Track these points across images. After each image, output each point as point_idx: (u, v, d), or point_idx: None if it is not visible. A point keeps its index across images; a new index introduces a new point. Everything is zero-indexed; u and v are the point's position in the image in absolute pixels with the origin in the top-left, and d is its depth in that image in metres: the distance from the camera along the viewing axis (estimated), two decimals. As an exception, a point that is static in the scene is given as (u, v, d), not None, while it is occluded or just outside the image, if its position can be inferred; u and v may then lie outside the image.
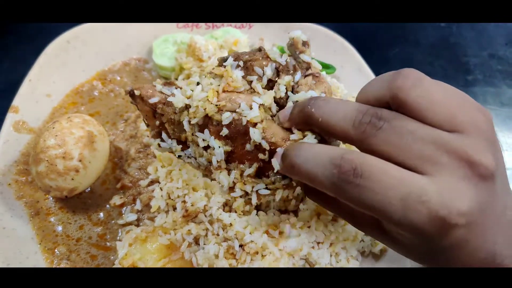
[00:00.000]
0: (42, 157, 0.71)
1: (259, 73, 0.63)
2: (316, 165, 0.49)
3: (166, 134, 0.67)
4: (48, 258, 0.71)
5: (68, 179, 0.72)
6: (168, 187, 0.76)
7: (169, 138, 0.67)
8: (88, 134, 0.75)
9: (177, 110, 0.64)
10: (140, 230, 0.69)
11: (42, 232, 0.74)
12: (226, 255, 0.70)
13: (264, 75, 0.63)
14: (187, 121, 0.63)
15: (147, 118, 0.67)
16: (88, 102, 0.92)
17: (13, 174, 0.77)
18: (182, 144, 0.67)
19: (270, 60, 0.64)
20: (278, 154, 0.57)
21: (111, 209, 0.79)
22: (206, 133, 0.62)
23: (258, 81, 0.63)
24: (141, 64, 1.01)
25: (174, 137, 0.67)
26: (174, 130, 0.66)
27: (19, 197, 0.76)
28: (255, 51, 0.65)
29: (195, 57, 0.92)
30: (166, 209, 0.76)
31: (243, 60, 0.64)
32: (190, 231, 0.72)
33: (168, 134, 0.67)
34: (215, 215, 0.73)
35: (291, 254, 0.73)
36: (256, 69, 0.63)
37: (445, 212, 0.41)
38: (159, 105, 0.65)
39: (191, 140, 0.65)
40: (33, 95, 0.86)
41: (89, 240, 0.76)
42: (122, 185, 0.82)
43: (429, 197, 0.41)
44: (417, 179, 0.43)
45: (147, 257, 0.66)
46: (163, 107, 0.65)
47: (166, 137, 0.67)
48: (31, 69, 0.88)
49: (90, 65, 0.96)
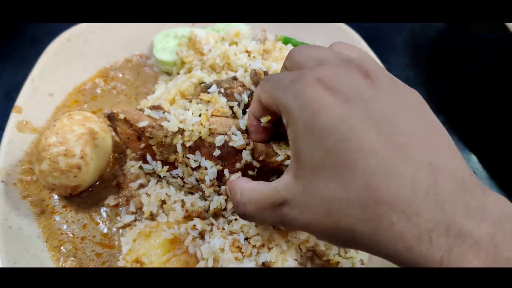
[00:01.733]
0: (44, 155, 0.71)
1: (238, 99, 0.68)
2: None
3: (150, 156, 0.70)
4: (54, 256, 0.71)
5: (70, 176, 0.72)
6: (157, 194, 0.75)
7: (154, 160, 0.70)
8: (89, 131, 0.74)
9: (169, 134, 0.67)
10: (144, 225, 0.69)
11: (48, 231, 0.74)
12: (231, 249, 0.69)
13: (242, 101, 0.68)
14: (180, 144, 0.67)
15: (129, 141, 0.70)
16: (91, 100, 0.92)
17: (18, 174, 0.77)
18: (169, 165, 0.70)
19: (245, 88, 0.70)
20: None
21: (109, 208, 0.79)
22: (197, 154, 0.67)
23: (239, 107, 0.68)
24: (143, 60, 1.00)
25: (160, 159, 0.70)
26: (163, 152, 0.69)
27: (25, 196, 0.76)
28: (231, 80, 0.72)
29: (196, 51, 0.91)
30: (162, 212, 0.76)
31: (223, 88, 0.70)
32: (195, 226, 0.71)
33: (152, 156, 0.70)
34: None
35: (298, 246, 0.71)
36: (235, 95, 0.68)
37: (306, 73, 0.46)
38: (148, 129, 0.67)
39: (181, 161, 0.68)
40: (36, 94, 0.86)
41: (93, 238, 0.76)
42: (117, 183, 0.81)
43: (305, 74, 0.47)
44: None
45: (151, 252, 0.65)
46: (153, 131, 0.67)
47: (151, 159, 0.70)
48: (33, 69, 0.88)
49: (91, 63, 0.96)
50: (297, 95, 0.45)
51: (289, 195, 0.48)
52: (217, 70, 0.90)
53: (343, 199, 0.42)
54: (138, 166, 0.72)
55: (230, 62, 0.89)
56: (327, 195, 0.43)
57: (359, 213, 0.41)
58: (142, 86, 0.97)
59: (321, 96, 0.43)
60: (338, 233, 0.44)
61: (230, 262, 0.67)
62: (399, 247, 0.39)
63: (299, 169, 0.46)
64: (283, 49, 0.96)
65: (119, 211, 0.79)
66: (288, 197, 0.48)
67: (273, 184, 0.51)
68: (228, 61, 0.89)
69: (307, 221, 0.46)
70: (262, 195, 0.52)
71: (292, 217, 0.48)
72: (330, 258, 0.72)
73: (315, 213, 0.45)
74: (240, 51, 0.92)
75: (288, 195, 0.48)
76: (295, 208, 0.47)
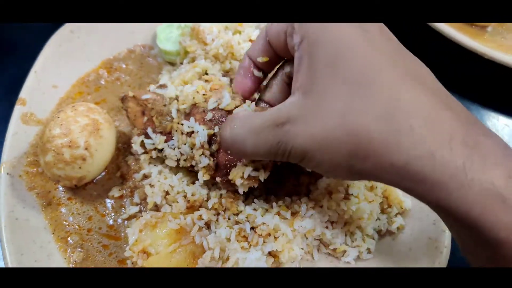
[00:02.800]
0: (49, 147, 0.71)
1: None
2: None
3: (151, 130, 0.74)
4: (61, 247, 0.72)
5: (75, 167, 0.72)
6: (161, 184, 0.75)
7: (154, 133, 0.74)
8: (93, 122, 0.74)
9: (166, 102, 0.74)
10: (150, 216, 0.69)
11: (55, 222, 0.74)
12: (238, 238, 0.69)
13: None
14: (175, 109, 0.72)
15: (135, 118, 0.76)
16: (94, 91, 0.92)
17: (23, 166, 0.77)
18: (166, 136, 0.73)
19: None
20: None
21: (113, 200, 0.79)
22: (191, 120, 0.69)
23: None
24: (146, 50, 0.99)
25: (159, 130, 0.73)
26: (161, 122, 0.73)
27: (31, 188, 0.76)
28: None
29: (199, 40, 0.89)
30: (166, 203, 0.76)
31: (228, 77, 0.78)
32: (201, 216, 0.71)
33: (153, 129, 0.74)
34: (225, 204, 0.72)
35: (304, 235, 0.71)
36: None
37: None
38: (150, 100, 0.75)
39: (176, 128, 0.71)
40: (40, 86, 0.86)
41: (99, 230, 0.76)
42: (121, 174, 0.81)
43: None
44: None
45: (157, 242, 0.65)
46: (154, 101, 0.75)
47: (151, 132, 0.74)
48: (36, 61, 0.87)
49: (95, 54, 0.95)
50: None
51: (295, 112, 0.49)
52: (220, 59, 0.89)
53: (361, 109, 0.44)
54: (140, 141, 0.75)
55: (234, 51, 0.88)
56: (342, 107, 0.45)
57: (378, 120, 0.43)
58: (145, 76, 0.96)
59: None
60: (349, 145, 0.45)
61: (237, 252, 0.67)
62: (420, 152, 0.41)
63: (313, 84, 0.48)
64: (288, 37, 0.95)
65: (123, 203, 0.79)
66: (292, 114, 0.49)
67: (272, 108, 0.53)
68: (231, 50, 0.88)
69: (310, 135, 0.47)
70: (260, 119, 0.53)
71: (293, 134, 0.49)
72: (337, 247, 0.72)
73: (324, 125, 0.46)
74: (244, 40, 0.91)
75: (292, 112, 0.49)
76: (299, 124, 0.48)
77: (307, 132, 0.47)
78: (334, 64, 0.46)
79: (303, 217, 0.70)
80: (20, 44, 1.07)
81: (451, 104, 0.45)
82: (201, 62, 0.86)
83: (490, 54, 0.97)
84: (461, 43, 0.97)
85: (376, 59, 0.46)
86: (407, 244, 0.73)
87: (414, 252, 0.72)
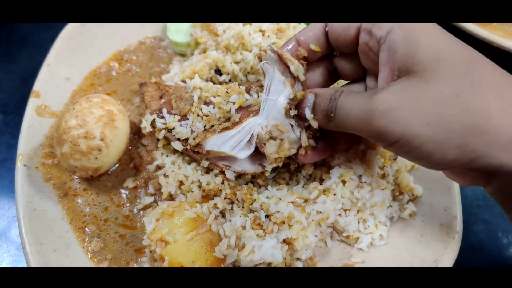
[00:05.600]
0: (65, 138, 0.72)
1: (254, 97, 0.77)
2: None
3: (166, 110, 0.77)
4: (79, 237, 0.73)
5: (92, 158, 0.73)
6: (175, 174, 0.76)
7: (168, 114, 0.77)
8: (108, 113, 0.75)
9: (189, 90, 0.79)
10: (166, 205, 0.70)
11: (72, 212, 0.75)
12: (253, 226, 0.70)
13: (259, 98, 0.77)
14: (197, 95, 0.77)
15: (152, 100, 0.80)
16: (105, 82, 0.93)
17: (39, 157, 0.78)
18: (182, 117, 0.77)
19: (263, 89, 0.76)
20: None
21: (128, 191, 0.80)
22: (210, 106, 0.75)
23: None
24: (157, 42, 1.00)
25: (175, 112, 0.77)
26: (179, 105, 0.77)
27: (47, 179, 0.77)
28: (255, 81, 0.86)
29: (210, 31, 0.90)
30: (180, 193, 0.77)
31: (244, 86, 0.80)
32: (216, 205, 0.72)
33: (168, 111, 0.77)
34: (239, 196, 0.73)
35: (318, 223, 0.72)
36: (252, 92, 0.77)
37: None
38: (173, 86, 0.81)
39: (193, 111, 0.75)
40: (53, 79, 0.87)
41: (115, 220, 0.77)
42: (134, 165, 0.82)
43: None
44: None
45: (174, 231, 0.66)
46: (176, 88, 0.80)
47: (166, 113, 0.77)
48: (48, 54, 0.88)
49: (106, 46, 0.96)
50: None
51: (402, 95, 0.51)
52: (231, 50, 0.89)
53: (475, 90, 0.48)
54: (152, 119, 0.77)
55: (245, 42, 0.89)
56: (454, 89, 0.49)
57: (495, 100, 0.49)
58: (156, 67, 0.97)
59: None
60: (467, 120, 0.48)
61: (252, 240, 0.68)
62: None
63: (416, 66, 0.50)
64: (297, 27, 0.95)
65: (138, 193, 0.80)
66: (400, 97, 0.51)
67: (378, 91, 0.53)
68: (242, 41, 0.89)
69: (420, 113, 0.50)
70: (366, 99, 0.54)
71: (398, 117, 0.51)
72: (350, 234, 0.73)
73: (437, 102, 0.49)
74: (254, 30, 0.92)
75: (400, 96, 0.51)
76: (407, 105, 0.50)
77: (417, 111, 0.50)
78: (436, 51, 0.50)
79: (315, 201, 0.71)
80: (29, 37, 1.08)
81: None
82: (212, 53, 0.87)
83: (498, 42, 0.97)
84: (470, 32, 0.98)
85: (470, 51, 0.51)
86: (419, 230, 0.74)
87: (426, 238, 0.73)
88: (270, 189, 0.75)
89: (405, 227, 0.76)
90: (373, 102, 0.51)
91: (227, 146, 0.71)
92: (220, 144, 0.72)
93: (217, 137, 0.72)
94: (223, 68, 0.87)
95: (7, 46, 1.06)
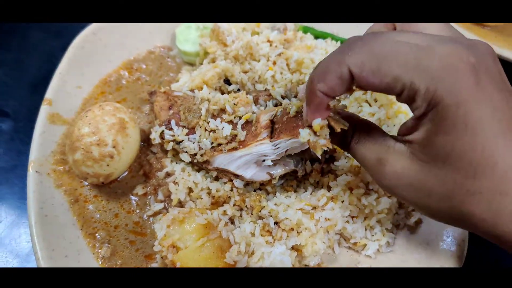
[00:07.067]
0: (78, 145, 0.73)
1: (262, 105, 0.82)
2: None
3: (175, 121, 0.79)
4: (90, 243, 0.74)
5: (103, 165, 0.74)
6: (185, 181, 0.78)
7: (177, 126, 0.78)
8: (120, 121, 0.76)
9: (197, 101, 0.80)
10: (177, 211, 0.71)
11: (82, 218, 0.76)
12: (262, 233, 0.71)
13: (267, 107, 0.81)
14: (205, 108, 0.78)
15: (161, 110, 0.81)
16: (116, 90, 0.94)
17: (51, 164, 0.79)
18: (189, 130, 0.78)
19: (271, 97, 0.83)
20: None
21: (138, 198, 0.81)
22: (217, 120, 0.76)
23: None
24: (165, 51, 1.02)
25: (183, 124, 0.78)
26: (187, 117, 0.78)
27: (59, 186, 0.78)
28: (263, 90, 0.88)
29: (219, 41, 0.92)
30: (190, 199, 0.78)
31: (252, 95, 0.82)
32: (225, 211, 0.73)
33: (177, 122, 0.79)
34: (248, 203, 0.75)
35: (326, 230, 0.73)
36: (260, 101, 0.82)
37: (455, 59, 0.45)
38: (181, 97, 0.82)
39: (201, 125, 0.77)
40: (64, 87, 0.88)
41: (126, 227, 0.78)
42: (143, 172, 0.83)
43: (437, 49, 0.45)
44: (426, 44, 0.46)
45: (186, 237, 0.67)
46: (184, 99, 0.82)
47: (174, 124, 0.79)
48: (60, 62, 0.90)
49: (116, 55, 0.98)
50: (451, 87, 0.44)
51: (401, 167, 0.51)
52: (240, 60, 0.91)
53: (470, 190, 0.45)
54: (161, 131, 0.79)
55: (253, 52, 0.90)
56: (448, 184, 0.46)
57: (484, 206, 0.45)
58: (165, 76, 0.98)
59: (476, 90, 0.44)
60: (450, 215, 0.48)
61: (262, 246, 0.69)
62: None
63: (427, 155, 0.48)
64: (304, 38, 0.97)
65: (147, 200, 0.81)
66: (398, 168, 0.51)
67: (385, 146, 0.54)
68: (251, 51, 0.90)
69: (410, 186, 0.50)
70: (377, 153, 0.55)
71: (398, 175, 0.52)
72: (357, 240, 0.74)
73: (429, 193, 0.48)
74: (262, 41, 0.94)
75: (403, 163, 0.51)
76: (401, 178, 0.51)
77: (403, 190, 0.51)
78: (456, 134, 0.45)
79: (323, 208, 0.72)
80: (40, 46, 1.09)
81: None
82: (221, 63, 0.88)
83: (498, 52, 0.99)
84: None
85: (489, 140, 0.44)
86: (425, 237, 0.75)
87: (432, 246, 0.74)
88: (279, 196, 0.76)
89: (411, 234, 0.77)
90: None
91: (233, 165, 0.75)
92: (227, 163, 0.75)
93: (224, 156, 0.74)
94: (231, 78, 0.89)
95: (19, 54, 1.08)
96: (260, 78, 0.90)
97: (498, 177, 0.44)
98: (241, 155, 0.73)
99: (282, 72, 0.89)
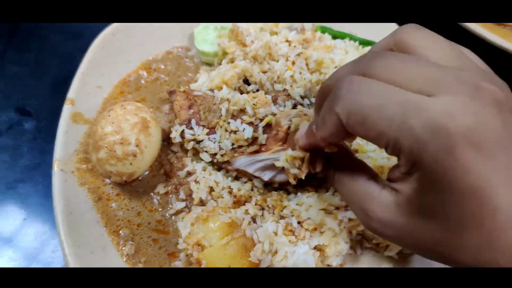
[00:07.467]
0: (102, 144, 0.74)
1: (281, 104, 0.81)
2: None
3: (195, 121, 0.80)
4: (114, 240, 0.74)
5: (127, 164, 0.75)
6: (206, 180, 0.79)
7: (197, 125, 0.79)
8: (142, 120, 0.77)
9: (217, 101, 0.81)
10: (200, 210, 0.71)
11: (106, 216, 0.77)
12: (285, 232, 0.72)
13: (286, 107, 0.80)
14: (225, 108, 0.78)
15: (181, 109, 0.82)
16: (135, 90, 0.95)
17: (74, 163, 0.80)
18: (210, 130, 0.79)
19: (290, 97, 0.83)
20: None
21: (159, 196, 0.82)
22: (238, 121, 0.76)
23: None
24: (184, 51, 1.03)
25: (203, 124, 0.79)
26: (207, 117, 0.79)
27: (82, 184, 0.79)
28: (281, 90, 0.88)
29: (238, 42, 0.92)
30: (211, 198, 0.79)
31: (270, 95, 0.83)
32: (247, 211, 0.74)
33: (197, 122, 0.80)
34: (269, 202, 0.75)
35: (349, 230, 0.73)
36: (279, 101, 0.81)
37: (445, 120, 0.38)
38: (201, 97, 0.83)
39: (221, 125, 0.78)
40: (86, 87, 0.89)
41: (148, 225, 0.78)
42: (164, 171, 0.84)
43: (427, 106, 0.39)
44: (419, 96, 0.40)
45: (210, 235, 0.67)
46: (204, 99, 0.82)
47: (194, 124, 0.79)
48: (81, 63, 0.91)
49: (134, 55, 0.99)
50: (436, 153, 0.39)
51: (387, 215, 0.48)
52: (259, 60, 0.91)
53: (456, 245, 0.42)
54: (181, 130, 0.79)
55: (272, 52, 0.91)
56: (435, 238, 0.43)
57: (471, 259, 0.42)
58: (184, 76, 0.99)
59: (467, 159, 0.38)
60: (440, 259, 0.46)
61: (285, 245, 0.70)
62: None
63: (413, 210, 0.45)
64: (323, 38, 0.97)
65: (169, 199, 0.82)
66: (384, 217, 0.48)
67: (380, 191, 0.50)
68: (269, 51, 0.91)
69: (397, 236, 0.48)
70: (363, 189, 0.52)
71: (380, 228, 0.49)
72: (380, 241, 0.74)
73: (415, 241, 0.46)
74: (281, 41, 0.94)
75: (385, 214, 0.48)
76: (387, 227, 0.48)
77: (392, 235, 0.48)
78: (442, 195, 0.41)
79: (347, 208, 0.72)
80: (60, 47, 1.11)
81: None
82: (241, 63, 0.89)
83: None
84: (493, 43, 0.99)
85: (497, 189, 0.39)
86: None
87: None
88: (300, 195, 0.76)
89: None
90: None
91: (253, 167, 0.75)
92: (246, 165, 0.75)
93: (245, 158, 0.75)
94: (251, 78, 0.89)
95: (39, 55, 1.09)
96: (279, 78, 0.90)
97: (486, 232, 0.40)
98: (262, 159, 0.74)
99: (301, 72, 0.90)
